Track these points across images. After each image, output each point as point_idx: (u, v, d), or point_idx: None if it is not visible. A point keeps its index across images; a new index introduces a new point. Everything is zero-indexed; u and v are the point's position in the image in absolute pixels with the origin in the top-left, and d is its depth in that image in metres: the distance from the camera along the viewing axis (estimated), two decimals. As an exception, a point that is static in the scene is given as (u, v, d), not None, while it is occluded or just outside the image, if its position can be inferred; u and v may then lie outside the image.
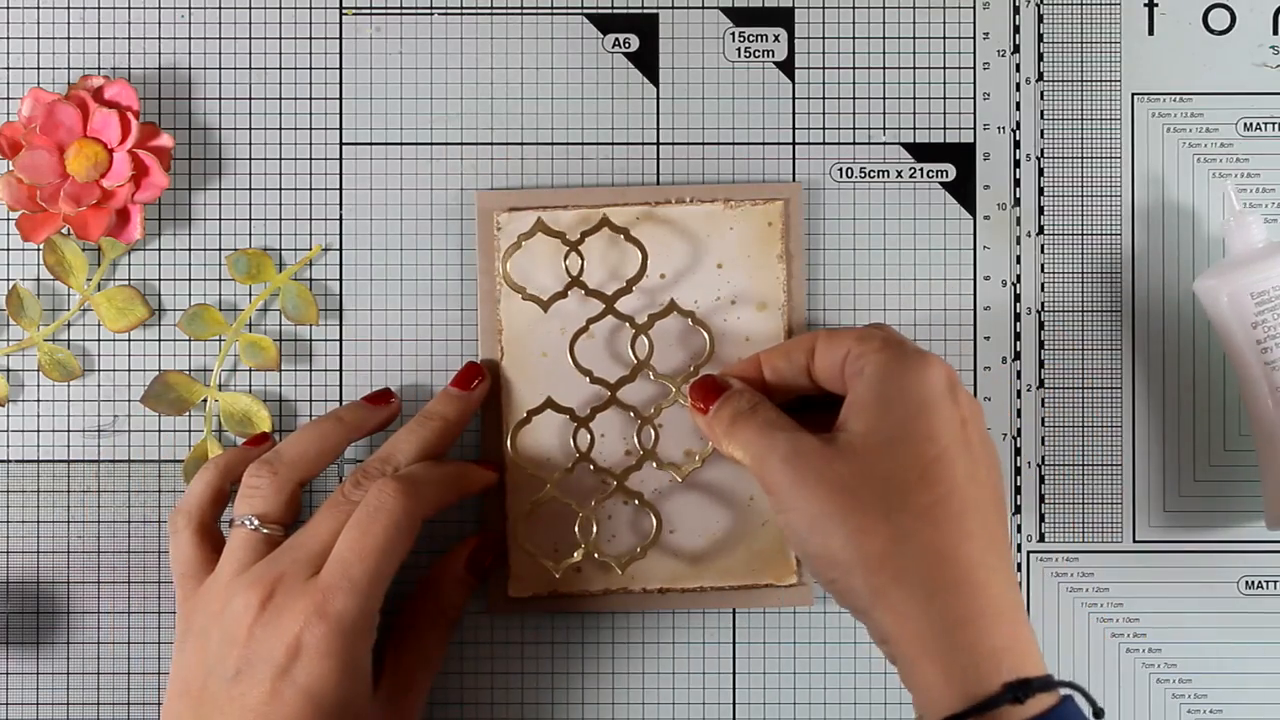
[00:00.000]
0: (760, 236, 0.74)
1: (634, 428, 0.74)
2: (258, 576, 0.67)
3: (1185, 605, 0.76)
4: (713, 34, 0.76)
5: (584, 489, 0.75)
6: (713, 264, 0.74)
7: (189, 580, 0.70)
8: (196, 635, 0.68)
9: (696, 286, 0.74)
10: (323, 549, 0.68)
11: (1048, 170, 0.76)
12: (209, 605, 0.68)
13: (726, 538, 0.75)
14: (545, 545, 0.74)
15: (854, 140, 0.76)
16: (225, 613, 0.67)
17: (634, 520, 0.75)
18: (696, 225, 0.74)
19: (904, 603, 0.62)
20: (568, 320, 0.74)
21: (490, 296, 0.74)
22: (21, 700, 0.75)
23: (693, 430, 0.74)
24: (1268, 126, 0.76)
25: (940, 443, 0.64)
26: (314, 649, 0.65)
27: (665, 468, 0.74)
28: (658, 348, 0.74)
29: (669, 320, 0.74)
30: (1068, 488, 0.76)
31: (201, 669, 0.67)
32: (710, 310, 0.74)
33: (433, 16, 0.76)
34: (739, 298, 0.74)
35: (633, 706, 0.76)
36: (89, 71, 0.75)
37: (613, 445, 0.74)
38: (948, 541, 0.63)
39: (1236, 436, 0.76)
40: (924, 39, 0.76)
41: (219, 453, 0.74)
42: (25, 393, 0.75)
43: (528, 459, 0.74)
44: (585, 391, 0.74)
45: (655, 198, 0.74)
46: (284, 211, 0.76)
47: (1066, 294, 0.76)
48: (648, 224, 0.74)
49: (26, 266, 0.75)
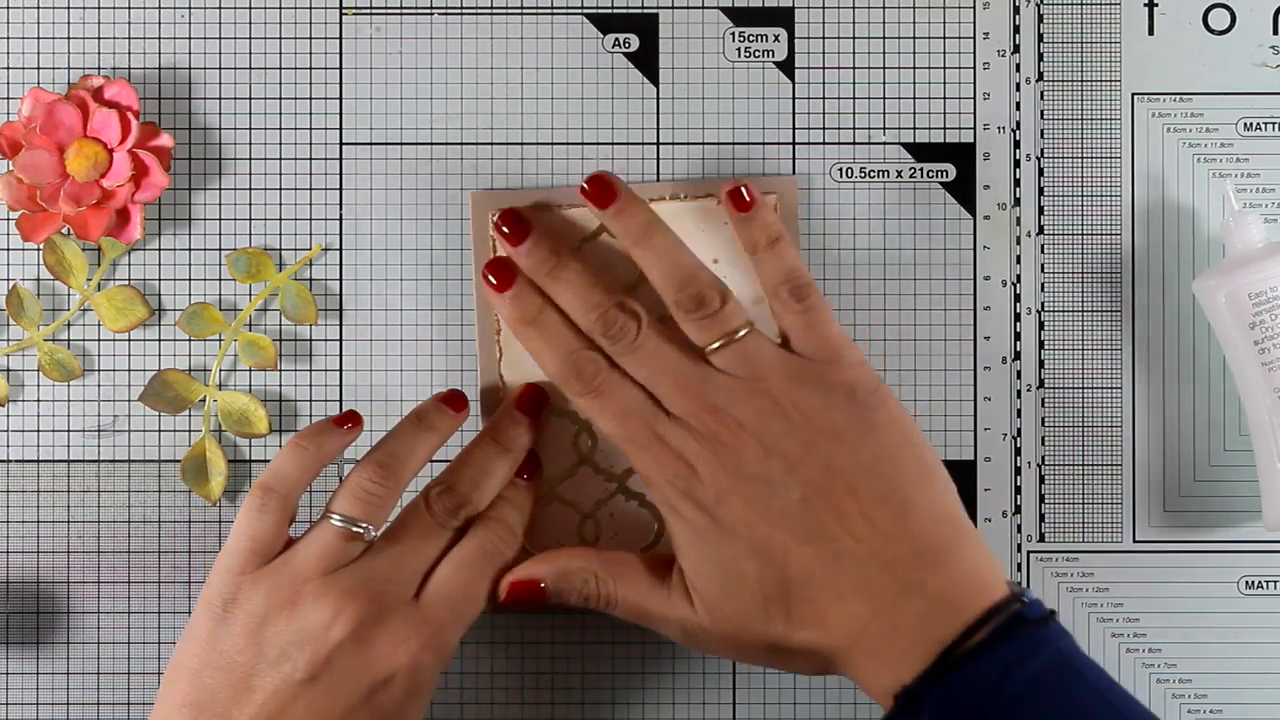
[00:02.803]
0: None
1: None
2: (354, 586, 0.66)
3: (1185, 605, 0.76)
4: (713, 34, 0.76)
5: (586, 491, 0.75)
6: (709, 259, 0.74)
7: (255, 557, 0.67)
8: (246, 621, 0.66)
9: None
10: (417, 572, 0.68)
11: (1048, 170, 0.76)
12: (278, 592, 0.66)
13: None
14: (549, 546, 0.74)
15: (854, 140, 0.76)
16: (305, 610, 0.65)
17: (635, 520, 0.75)
18: (692, 221, 0.74)
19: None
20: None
21: (486, 298, 0.74)
22: (21, 700, 0.75)
23: None
24: (1268, 126, 0.76)
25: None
26: (411, 675, 0.66)
27: None
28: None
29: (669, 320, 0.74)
30: (1068, 488, 0.76)
31: (252, 658, 0.65)
32: None
33: (433, 16, 0.76)
34: (736, 292, 0.74)
35: (633, 707, 0.76)
36: (89, 71, 0.75)
37: (613, 447, 0.74)
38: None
39: (1236, 436, 0.76)
40: (924, 39, 0.76)
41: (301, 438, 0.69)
42: (25, 393, 0.75)
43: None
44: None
45: (650, 195, 0.74)
46: (284, 211, 0.76)
47: (1066, 294, 0.76)
48: None
49: (26, 266, 0.75)
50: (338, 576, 0.66)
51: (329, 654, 0.65)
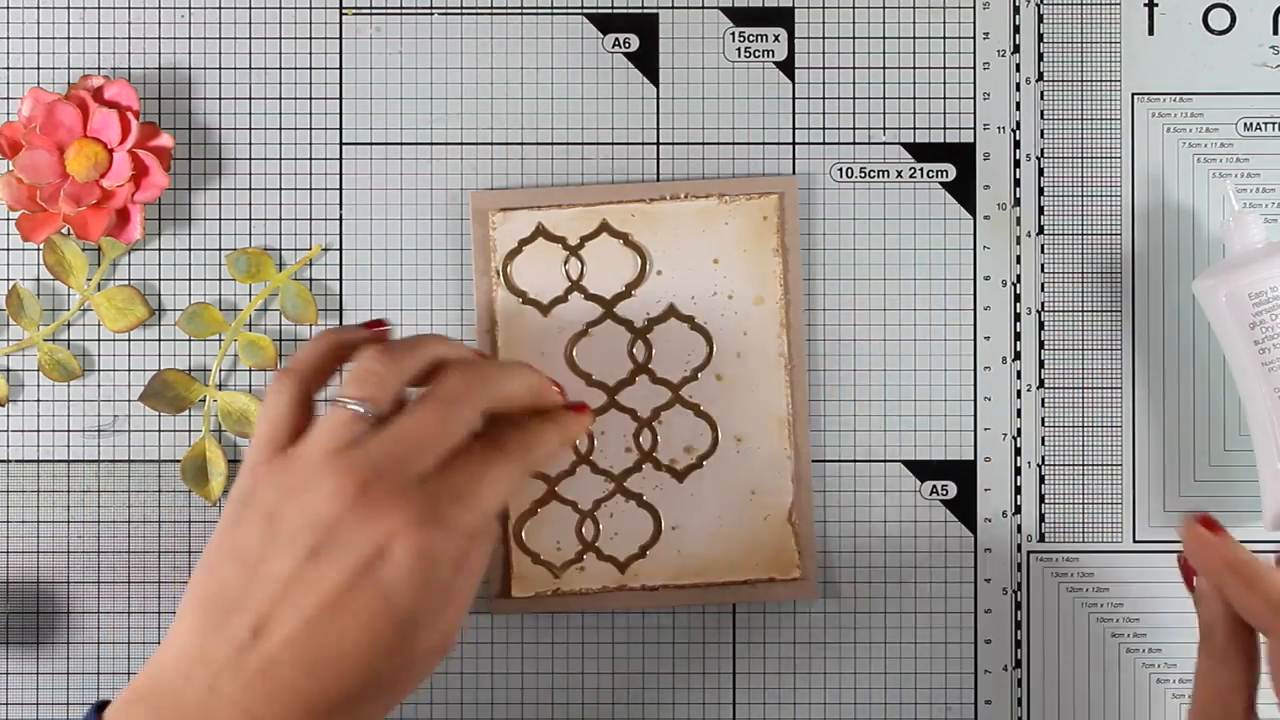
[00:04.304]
0: (756, 231, 0.74)
1: (633, 429, 0.74)
2: (356, 462, 0.64)
3: (1185, 605, 0.76)
4: (713, 34, 0.76)
5: (584, 489, 0.75)
6: (709, 259, 0.74)
7: (270, 445, 0.65)
8: (261, 510, 0.64)
9: (693, 281, 0.74)
10: (423, 454, 0.64)
11: (1048, 170, 0.76)
12: (287, 479, 0.64)
13: (728, 532, 0.75)
14: (547, 545, 0.74)
15: (854, 140, 0.76)
16: (312, 491, 0.63)
17: (635, 519, 0.75)
18: (692, 221, 0.74)
19: None
20: (567, 323, 0.74)
21: (486, 297, 0.74)
22: (21, 700, 0.75)
23: (692, 429, 0.74)
24: (1268, 126, 0.76)
25: None
26: (405, 554, 0.62)
27: (664, 469, 0.74)
28: (657, 349, 0.74)
29: (669, 324, 0.74)
30: (1068, 488, 0.76)
31: (263, 542, 0.63)
32: (708, 306, 0.75)
33: (433, 16, 0.76)
34: (736, 292, 0.74)
35: (633, 707, 0.76)
36: (89, 71, 0.75)
37: (613, 445, 0.75)
38: None
39: (1236, 436, 0.76)
40: (924, 39, 0.76)
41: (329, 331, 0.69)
42: (25, 393, 0.75)
43: None
44: (584, 394, 0.74)
45: (650, 194, 0.74)
46: (284, 211, 0.76)
47: (1066, 294, 0.76)
48: (644, 221, 0.74)
49: (26, 266, 0.75)
50: (341, 453, 0.64)
51: (327, 527, 0.63)
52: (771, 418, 0.75)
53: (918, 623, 0.76)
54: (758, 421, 0.75)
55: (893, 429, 0.76)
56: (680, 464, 0.74)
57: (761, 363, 0.75)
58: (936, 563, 0.76)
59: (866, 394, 0.76)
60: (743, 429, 0.75)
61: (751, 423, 0.75)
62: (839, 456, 0.76)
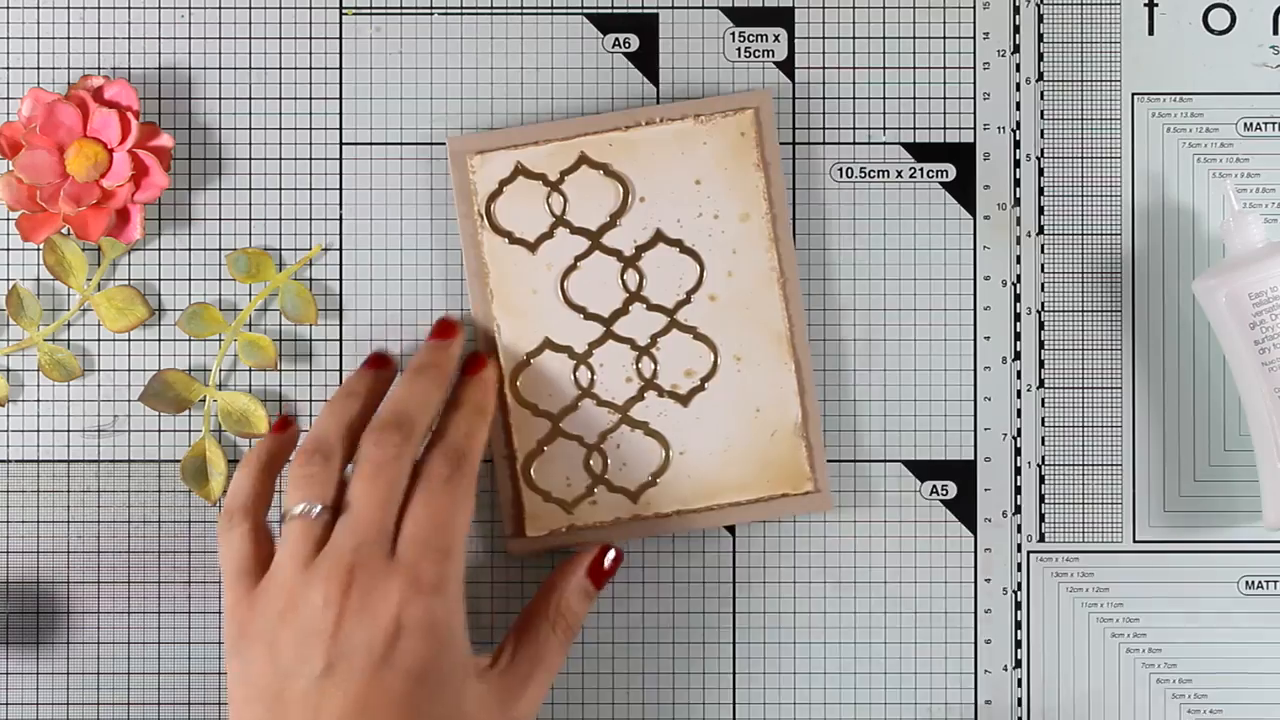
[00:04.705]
0: (734, 147, 0.74)
1: (633, 358, 0.74)
2: (330, 567, 0.65)
3: (1185, 605, 0.76)
4: (713, 34, 0.76)
5: (589, 423, 0.74)
6: (691, 181, 0.74)
7: (244, 579, 0.67)
8: (259, 640, 0.66)
9: (678, 205, 0.74)
10: (384, 526, 0.66)
11: (1048, 170, 0.76)
12: (271, 605, 0.66)
13: (737, 453, 0.74)
14: (557, 482, 0.74)
15: (854, 140, 0.76)
16: (300, 609, 0.65)
17: (642, 448, 0.75)
18: (670, 144, 0.74)
19: None
20: (556, 258, 0.74)
21: (473, 240, 0.74)
22: (21, 700, 0.75)
23: (691, 352, 0.74)
24: (1268, 126, 0.76)
25: None
26: (415, 625, 0.64)
27: (668, 395, 0.74)
28: (649, 276, 0.74)
29: (657, 249, 0.74)
30: (1068, 488, 0.76)
31: (273, 673, 0.65)
32: (694, 228, 0.74)
33: (433, 16, 0.76)
34: (721, 212, 0.74)
35: (633, 707, 0.76)
36: (89, 71, 0.75)
37: (614, 376, 0.74)
38: None
39: (1236, 436, 0.76)
40: (924, 39, 0.76)
41: (248, 456, 0.71)
42: (25, 393, 0.75)
43: (530, 401, 0.74)
44: (580, 328, 0.74)
45: (625, 121, 0.74)
46: (284, 211, 0.76)
47: (1066, 294, 0.76)
48: (622, 150, 0.74)
49: (26, 266, 0.75)
50: (314, 563, 0.66)
51: (331, 638, 0.64)
52: (769, 333, 0.74)
53: (917, 622, 0.76)
54: (755, 339, 0.74)
55: (893, 429, 0.76)
56: (683, 388, 0.74)
57: (754, 279, 0.74)
58: (936, 563, 0.76)
59: (866, 394, 0.76)
60: (741, 348, 0.74)
61: (749, 341, 0.74)
62: (839, 456, 0.76)
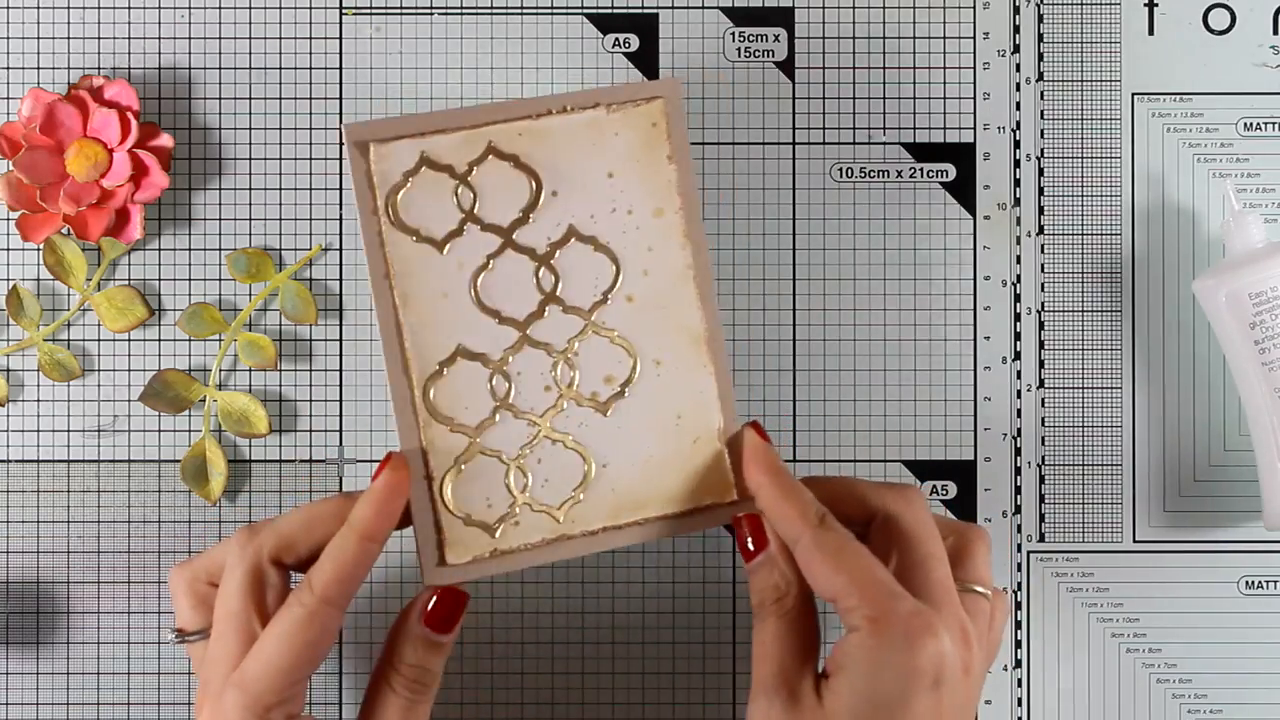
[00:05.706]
0: (646, 140, 0.71)
1: (549, 364, 0.71)
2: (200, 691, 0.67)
3: (1185, 605, 0.76)
4: (713, 34, 0.76)
5: (508, 437, 0.71)
6: (603, 174, 0.71)
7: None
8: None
9: (590, 200, 0.70)
10: (226, 642, 0.66)
11: (1048, 170, 0.76)
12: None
13: (660, 463, 0.71)
14: (477, 504, 0.70)
15: (854, 140, 0.76)
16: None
17: (563, 462, 0.71)
18: (582, 135, 0.71)
19: None
20: (466, 258, 0.70)
21: (375, 240, 0.69)
22: (21, 700, 0.75)
23: (610, 356, 0.71)
24: (1268, 126, 0.76)
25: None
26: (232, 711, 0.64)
27: (586, 404, 0.71)
28: (564, 276, 0.72)
29: (571, 247, 0.71)
30: (1068, 488, 0.76)
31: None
32: (609, 224, 0.71)
33: (433, 16, 0.76)
34: (635, 207, 0.71)
35: (633, 707, 0.76)
36: (89, 71, 0.75)
37: (532, 385, 0.70)
38: None
39: (1236, 436, 0.76)
40: (924, 39, 0.76)
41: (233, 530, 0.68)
42: (25, 393, 0.75)
43: (444, 415, 0.70)
44: (495, 333, 0.70)
45: (534, 110, 0.70)
46: (284, 211, 0.76)
47: (1066, 294, 0.76)
48: (532, 140, 0.70)
49: (26, 266, 0.75)
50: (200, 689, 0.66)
51: None
52: (686, 335, 0.71)
53: (918, 623, 0.76)
54: (674, 341, 0.71)
55: (893, 429, 0.76)
56: (602, 396, 0.70)
57: (669, 278, 0.71)
58: (936, 563, 0.76)
59: (866, 394, 0.76)
60: (660, 351, 0.71)
61: (668, 343, 0.71)
62: (839, 457, 0.76)
